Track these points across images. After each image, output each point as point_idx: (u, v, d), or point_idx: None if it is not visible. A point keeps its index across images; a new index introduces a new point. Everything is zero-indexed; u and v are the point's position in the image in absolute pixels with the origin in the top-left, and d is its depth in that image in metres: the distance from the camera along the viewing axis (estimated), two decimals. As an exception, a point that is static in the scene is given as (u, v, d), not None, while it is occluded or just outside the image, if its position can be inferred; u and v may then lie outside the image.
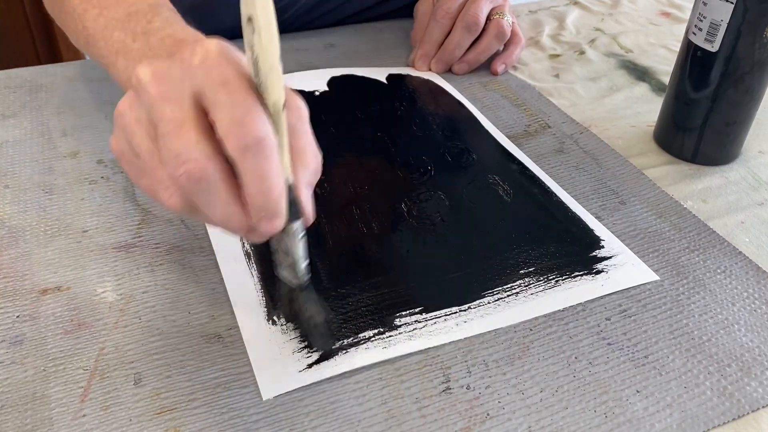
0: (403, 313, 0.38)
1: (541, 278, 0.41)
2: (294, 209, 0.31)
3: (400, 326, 0.37)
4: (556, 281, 0.40)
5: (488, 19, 0.62)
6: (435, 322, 0.38)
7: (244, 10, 0.27)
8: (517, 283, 0.40)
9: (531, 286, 0.40)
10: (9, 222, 0.43)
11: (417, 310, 0.38)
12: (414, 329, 0.37)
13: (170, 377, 0.34)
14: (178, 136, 0.28)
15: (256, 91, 0.28)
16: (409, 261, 0.42)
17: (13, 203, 0.45)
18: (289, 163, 0.30)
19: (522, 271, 0.41)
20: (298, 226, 0.32)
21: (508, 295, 0.39)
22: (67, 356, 0.35)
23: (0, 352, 0.35)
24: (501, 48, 0.65)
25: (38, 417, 0.32)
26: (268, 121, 0.28)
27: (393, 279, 0.40)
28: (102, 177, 0.48)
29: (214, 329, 0.37)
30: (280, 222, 0.30)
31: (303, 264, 0.33)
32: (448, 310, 0.38)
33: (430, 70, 0.64)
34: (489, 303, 0.39)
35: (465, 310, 0.38)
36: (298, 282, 0.34)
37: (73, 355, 0.35)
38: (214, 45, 0.29)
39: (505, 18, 0.62)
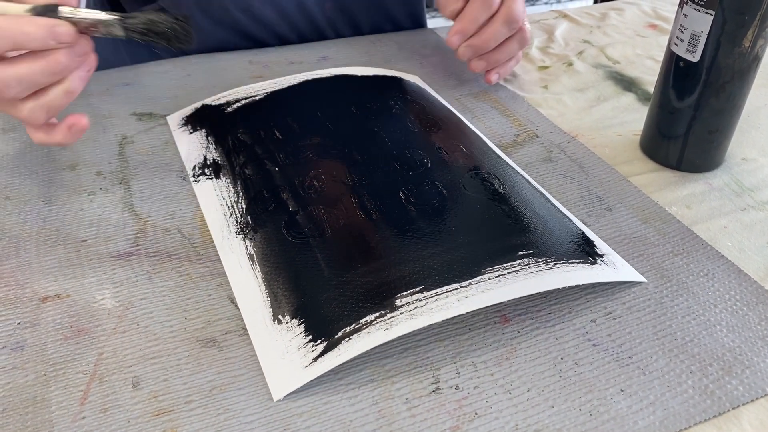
0: (404, 293, 0.38)
1: (540, 260, 0.41)
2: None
3: (401, 306, 0.37)
4: (555, 264, 0.40)
5: None
6: (436, 299, 0.38)
7: None
8: (517, 262, 0.40)
9: (530, 266, 0.40)
10: (10, 232, 0.45)
11: (417, 289, 0.38)
12: (415, 308, 0.37)
13: (167, 380, 0.35)
14: None
15: None
16: (409, 244, 0.42)
17: (13, 214, 0.46)
18: None
19: (521, 253, 0.41)
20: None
21: (509, 273, 0.39)
22: (67, 361, 0.36)
23: (2, 357, 0.36)
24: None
25: (39, 419, 0.33)
26: None
27: (393, 262, 0.40)
28: (100, 188, 0.49)
29: (210, 334, 0.38)
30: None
31: (106, 16, 0.43)
32: (449, 286, 0.38)
33: (459, 51, 0.61)
34: (490, 279, 0.39)
35: (466, 286, 0.38)
36: (114, 20, 0.43)
37: (72, 360, 0.36)
38: None
39: (528, 25, 0.62)
